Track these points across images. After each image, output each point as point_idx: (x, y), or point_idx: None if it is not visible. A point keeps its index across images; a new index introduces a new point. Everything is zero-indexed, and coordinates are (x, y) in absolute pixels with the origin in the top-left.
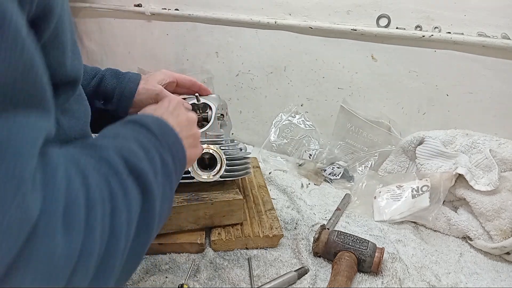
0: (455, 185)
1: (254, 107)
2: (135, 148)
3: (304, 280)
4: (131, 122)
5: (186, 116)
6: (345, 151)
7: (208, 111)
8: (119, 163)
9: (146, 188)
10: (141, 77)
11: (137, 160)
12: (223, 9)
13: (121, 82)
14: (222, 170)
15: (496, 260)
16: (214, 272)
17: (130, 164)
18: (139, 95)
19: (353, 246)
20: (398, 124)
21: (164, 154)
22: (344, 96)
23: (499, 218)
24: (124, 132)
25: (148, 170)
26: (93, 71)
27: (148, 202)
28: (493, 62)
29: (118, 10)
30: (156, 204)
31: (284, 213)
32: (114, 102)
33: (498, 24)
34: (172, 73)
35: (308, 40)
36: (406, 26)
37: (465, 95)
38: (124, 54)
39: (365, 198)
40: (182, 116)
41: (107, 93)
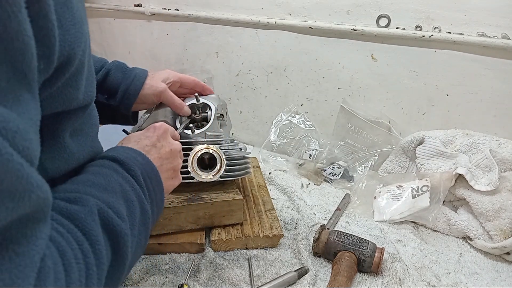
0: (455, 185)
1: (254, 107)
2: (119, 206)
3: (304, 280)
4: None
5: (170, 147)
6: (345, 151)
7: (208, 111)
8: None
9: (119, 248)
10: (147, 73)
11: (117, 221)
12: (223, 9)
13: (127, 78)
14: (222, 170)
15: (496, 260)
16: (214, 272)
17: (108, 225)
18: (143, 90)
19: (353, 246)
20: (398, 124)
21: (145, 204)
22: (344, 96)
23: (499, 218)
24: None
25: (125, 230)
26: (100, 63)
27: (118, 259)
28: (493, 62)
29: (118, 10)
30: (126, 260)
31: (284, 213)
32: (118, 98)
33: (498, 24)
34: (176, 73)
35: (308, 40)
36: (406, 26)
37: (465, 95)
38: (124, 54)
39: (365, 198)
40: (165, 147)
41: (112, 88)
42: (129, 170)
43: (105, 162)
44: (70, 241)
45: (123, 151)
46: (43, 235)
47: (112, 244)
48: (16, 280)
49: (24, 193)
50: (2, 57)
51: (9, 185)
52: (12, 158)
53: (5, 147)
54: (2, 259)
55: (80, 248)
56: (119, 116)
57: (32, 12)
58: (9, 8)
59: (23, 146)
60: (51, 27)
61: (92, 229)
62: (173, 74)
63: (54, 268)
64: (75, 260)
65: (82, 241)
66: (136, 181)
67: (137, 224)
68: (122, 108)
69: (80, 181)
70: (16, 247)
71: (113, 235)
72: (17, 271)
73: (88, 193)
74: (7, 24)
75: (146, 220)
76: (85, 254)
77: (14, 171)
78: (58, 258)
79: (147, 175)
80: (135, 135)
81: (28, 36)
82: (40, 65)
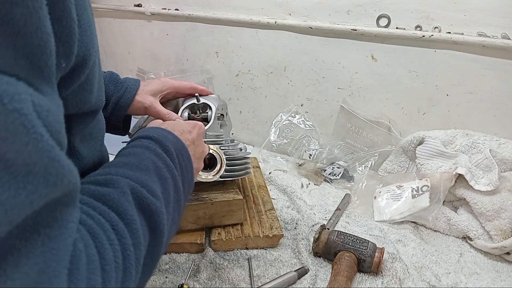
0: (455, 185)
1: (254, 107)
2: (153, 183)
3: (304, 280)
4: (156, 143)
5: (202, 149)
6: (345, 151)
7: (208, 111)
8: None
9: (156, 226)
10: (139, 85)
11: (151, 199)
12: (223, 9)
13: (118, 90)
14: (222, 170)
15: (496, 260)
16: (214, 272)
17: (143, 205)
18: (132, 105)
19: (353, 246)
20: (398, 124)
21: (178, 181)
22: (344, 96)
23: (499, 218)
24: (147, 159)
25: (160, 208)
26: None
27: (156, 238)
28: (493, 62)
29: (118, 10)
30: (164, 238)
31: (284, 213)
32: (109, 110)
33: (498, 24)
34: (172, 82)
35: (308, 40)
36: (406, 26)
37: (465, 95)
38: (124, 54)
39: (365, 198)
40: (199, 148)
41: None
42: (163, 146)
43: (136, 142)
44: (101, 223)
45: (155, 130)
46: (74, 219)
47: (148, 223)
48: (51, 263)
49: (57, 177)
50: (20, 52)
51: (42, 168)
52: (43, 139)
53: (37, 126)
54: (35, 243)
55: (114, 229)
56: (110, 126)
57: (57, 11)
58: (31, 4)
59: (55, 128)
60: (74, 26)
61: (127, 209)
62: (168, 84)
63: (86, 251)
64: (108, 241)
65: (117, 222)
66: (169, 157)
67: (172, 201)
68: (113, 119)
69: (111, 165)
70: (48, 230)
71: (149, 214)
72: (51, 254)
73: (119, 174)
74: (27, 20)
75: (179, 197)
76: (120, 235)
77: (46, 153)
78: (90, 240)
79: (179, 153)
80: (178, 125)
81: (48, 34)
82: (61, 64)
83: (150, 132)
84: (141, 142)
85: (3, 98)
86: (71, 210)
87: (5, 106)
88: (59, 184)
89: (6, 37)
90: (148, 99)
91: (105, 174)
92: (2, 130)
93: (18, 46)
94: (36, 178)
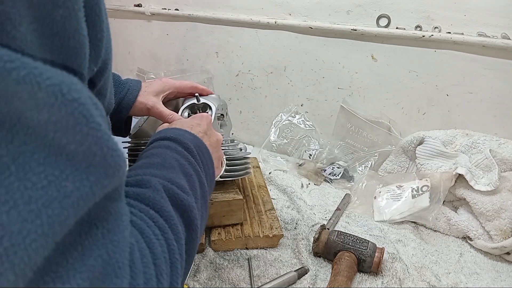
0: (455, 185)
1: (254, 107)
2: (180, 180)
3: (304, 280)
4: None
5: (216, 137)
6: (345, 151)
7: (208, 111)
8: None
9: (191, 221)
10: (140, 86)
11: (182, 195)
12: (223, 9)
13: (120, 92)
14: (222, 170)
15: (496, 260)
16: (214, 272)
17: (177, 201)
18: (134, 106)
19: (353, 246)
20: (398, 124)
21: (202, 177)
22: (344, 96)
23: (499, 218)
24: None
25: (192, 203)
26: None
27: (191, 233)
28: (493, 62)
29: (118, 10)
30: (198, 233)
31: (284, 213)
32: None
33: (498, 24)
34: (173, 82)
35: (308, 40)
36: (406, 26)
37: (465, 95)
38: (124, 54)
39: (365, 198)
40: (213, 137)
41: None
42: (183, 144)
43: (155, 143)
44: (144, 219)
45: (170, 130)
46: (126, 212)
47: (183, 219)
48: (114, 255)
49: (115, 168)
50: (56, 54)
51: (103, 159)
52: (101, 128)
53: (95, 115)
54: (95, 236)
55: (156, 224)
56: (111, 127)
57: (91, 13)
58: (71, 6)
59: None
60: (104, 29)
61: (163, 206)
62: (169, 84)
63: (138, 246)
64: (154, 236)
65: (157, 218)
66: (191, 155)
67: (199, 197)
68: (115, 121)
69: (136, 167)
70: (105, 224)
71: (182, 209)
72: (112, 246)
73: (147, 174)
74: (66, 22)
75: (204, 193)
76: (163, 230)
77: (105, 143)
78: (139, 236)
79: (199, 149)
80: (185, 122)
81: (84, 36)
82: (92, 67)
83: (166, 133)
84: (161, 143)
85: (62, 89)
86: (121, 204)
87: (65, 96)
88: (117, 174)
89: (45, 38)
90: (151, 99)
91: (134, 175)
92: (63, 121)
93: (55, 48)
94: (97, 169)
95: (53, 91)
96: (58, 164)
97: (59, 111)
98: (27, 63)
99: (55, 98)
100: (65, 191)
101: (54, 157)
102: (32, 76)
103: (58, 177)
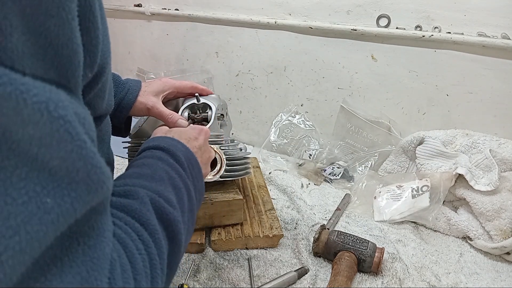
0: (455, 185)
1: (254, 107)
2: (169, 193)
3: (304, 280)
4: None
5: (209, 154)
6: (345, 151)
7: (208, 111)
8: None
9: (175, 236)
10: (140, 86)
11: (169, 209)
12: (223, 9)
13: (120, 92)
14: (222, 170)
15: (496, 260)
16: (214, 272)
17: (162, 215)
18: (134, 106)
19: (353, 246)
20: (398, 124)
21: (191, 190)
22: (344, 96)
23: (499, 218)
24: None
25: (178, 217)
26: None
27: (174, 247)
28: (493, 62)
29: (118, 10)
30: (182, 248)
31: (284, 213)
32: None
33: (498, 24)
34: (173, 82)
35: (308, 40)
36: (406, 26)
37: (465, 95)
38: (124, 54)
39: (365, 198)
40: (206, 153)
41: None
42: (174, 156)
43: (147, 152)
44: (129, 233)
45: (164, 140)
46: (109, 227)
47: (167, 233)
48: (93, 272)
49: (98, 184)
50: (50, 62)
51: (85, 175)
52: (86, 146)
53: (81, 133)
54: (75, 253)
55: (140, 239)
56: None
57: (86, 21)
58: (65, 15)
59: (92, 135)
60: (99, 36)
61: (149, 219)
62: (169, 84)
63: (120, 261)
64: (137, 251)
65: (142, 232)
66: (181, 167)
67: (186, 211)
68: (115, 121)
69: (126, 176)
70: (87, 239)
71: (167, 223)
72: (92, 263)
73: (136, 185)
74: (60, 31)
75: (192, 207)
76: (146, 244)
77: (89, 160)
78: (121, 250)
79: (189, 162)
80: (183, 133)
81: (78, 44)
82: (87, 74)
83: (160, 142)
84: (153, 153)
85: (49, 106)
86: (105, 218)
87: (51, 113)
88: (99, 190)
89: (38, 48)
90: (151, 99)
91: (122, 185)
92: (47, 137)
93: (49, 57)
94: (79, 185)
95: (39, 108)
96: (40, 179)
97: (44, 127)
98: (14, 79)
99: (41, 115)
100: (45, 207)
101: (37, 172)
102: (18, 93)
103: (39, 193)
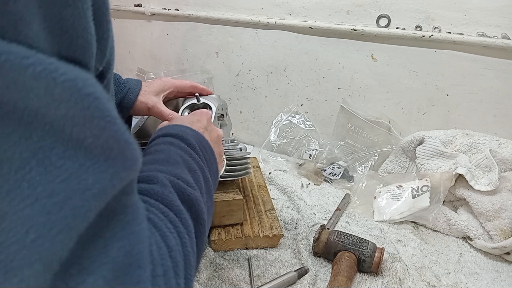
0: (455, 185)
1: (254, 107)
2: (186, 175)
3: (304, 280)
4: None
5: (217, 133)
6: (345, 151)
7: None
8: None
9: (198, 215)
10: (141, 86)
11: (189, 190)
12: (223, 9)
13: (121, 91)
14: (222, 170)
15: (496, 260)
16: (214, 272)
17: (184, 196)
18: (135, 105)
19: (353, 246)
20: (398, 124)
21: (205, 172)
22: (344, 96)
23: (499, 218)
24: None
25: (199, 197)
26: None
27: (199, 227)
28: (493, 62)
29: (118, 10)
30: (205, 228)
31: (284, 213)
32: None
33: (498, 24)
34: (173, 81)
35: (308, 40)
36: (406, 26)
37: (465, 95)
38: (124, 54)
39: (365, 198)
40: (214, 132)
41: None
42: (185, 140)
43: (158, 140)
44: (156, 213)
45: (171, 127)
46: (141, 205)
47: (191, 213)
48: (136, 245)
49: (132, 160)
50: (65, 52)
51: (120, 152)
52: (117, 122)
53: (111, 109)
54: (115, 228)
55: (167, 218)
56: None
57: (98, 13)
58: (80, 5)
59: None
60: (110, 29)
61: (172, 200)
62: (169, 83)
63: (154, 239)
64: (167, 229)
65: (167, 212)
66: (193, 150)
67: (204, 192)
68: None
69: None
70: (123, 216)
71: (190, 204)
72: (133, 237)
73: (154, 170)
74: (75, 21)
75: (209, 188)
76: (174, 224)
77: (121, 136)
78: (153, 229)
79: (201, 145)
80: (185, 119)
81: (92, 35)
82: (97, 66)
83: (168, 130)
84: (163, 139)
85: (78, 83)
86: (135, 197)
87: (81, 91)
88: (133, 167)
89: (55, 37)
90: (151, 99)
91: (140, 172)
92: (80, 115)
93: (64, 46)
94: (115, 161)
95: (69, 86)
96: (77, 157)
97: (76, 105)
98: (42, 59)
99: (71, 93)
100: (86, 183)
101: (73, 151)
102: (47, 72)
103: (78, 170)
